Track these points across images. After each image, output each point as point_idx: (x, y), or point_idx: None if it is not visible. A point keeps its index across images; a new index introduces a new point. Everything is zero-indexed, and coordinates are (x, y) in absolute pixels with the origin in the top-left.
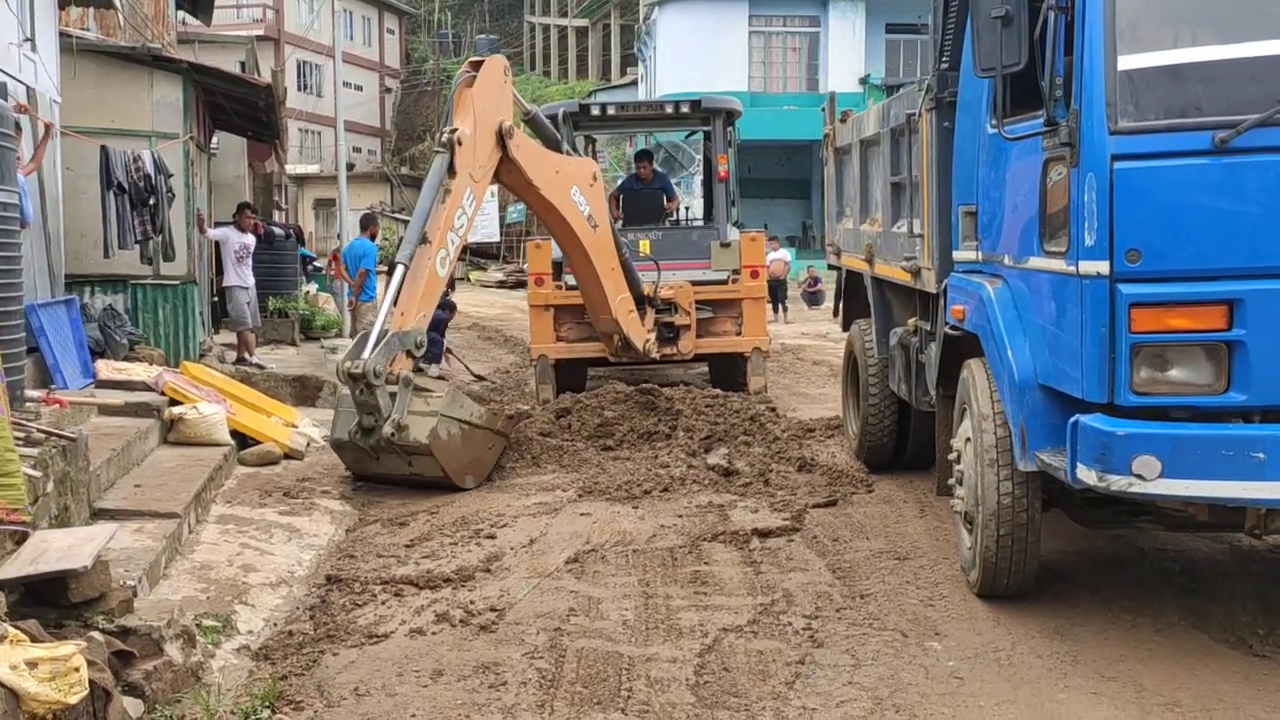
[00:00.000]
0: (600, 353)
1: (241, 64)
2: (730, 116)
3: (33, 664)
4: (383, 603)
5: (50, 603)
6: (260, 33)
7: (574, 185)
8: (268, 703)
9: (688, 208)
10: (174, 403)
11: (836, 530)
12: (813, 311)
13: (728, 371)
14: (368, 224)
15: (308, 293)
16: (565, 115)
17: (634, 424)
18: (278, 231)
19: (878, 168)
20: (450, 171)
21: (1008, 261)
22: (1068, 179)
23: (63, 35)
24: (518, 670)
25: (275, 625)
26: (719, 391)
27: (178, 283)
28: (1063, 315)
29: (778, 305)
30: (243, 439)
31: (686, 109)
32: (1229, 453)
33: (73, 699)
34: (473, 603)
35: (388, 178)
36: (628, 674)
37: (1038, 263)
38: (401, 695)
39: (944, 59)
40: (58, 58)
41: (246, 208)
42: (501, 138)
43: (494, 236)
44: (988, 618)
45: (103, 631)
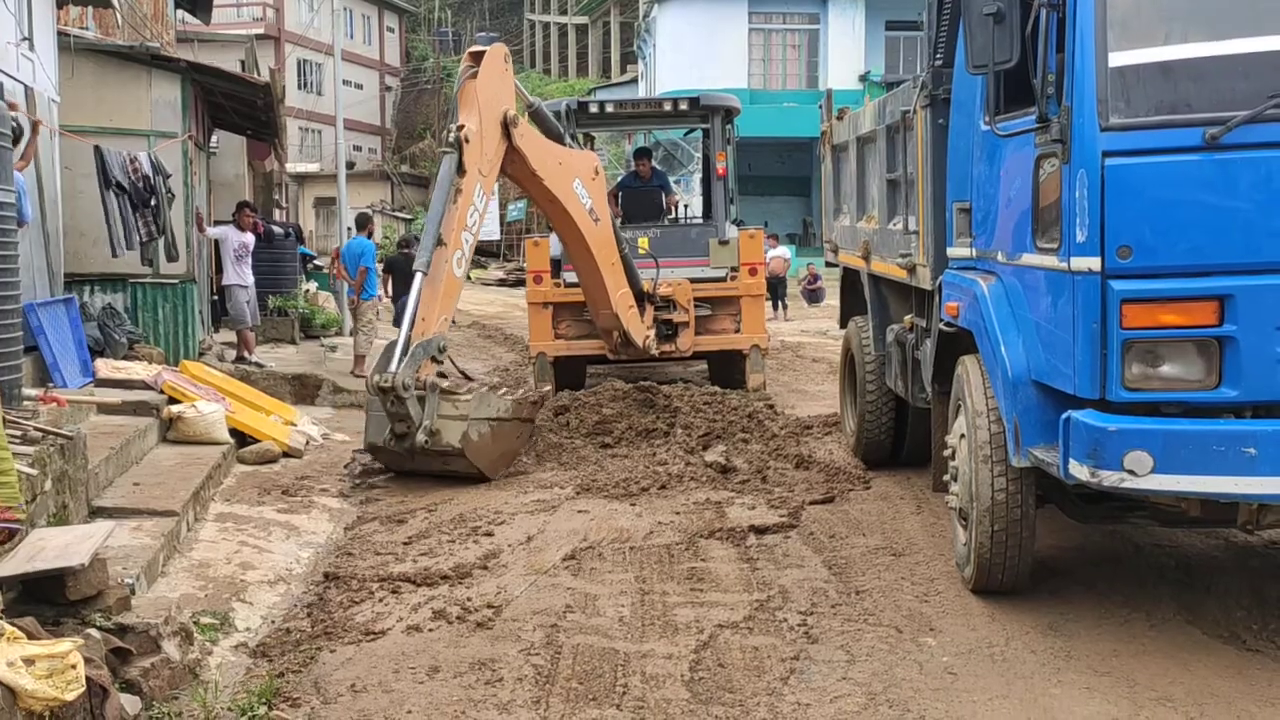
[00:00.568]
0: (599, 350)
1: (241, 63)
2: (729, 114)
3: (30, 661)
4: (380, 600)
5: (48, 600)
6: (260, 31)
7: (576, 178)
8: (265, 700)
9: (686, 205)
10: (173, 401)
11: (833, 527)
12: (813, 309)
13: (726, 369)
14: (365, 223)
15: (307, 291)
16: (567, 111)
17: (632, 421)
18: (277, 230)
19: (874, 165)
20: (460, 170)
21: (1001, 258)
22: (1059, 175)
23: (61, 34)
24: (514, 667)
25: (273, 623)
26: (717, 389)
27: (177, 281)
28: (1055, 311)
29: (777, 303)
30: (242, 437)
31: (685, 106)
32: (1220, 448)
33: (70, 696)
34: (470, 600)
35: (388, 176)
36: (623, 670)
37: (1030, 259)
38: (398, 692)
39: (938, 56)
40: (56, 57)
41: (246, 206)
42: (506, 127)
43: (494, 234)
44: (982, 613)
45: (100, 629)
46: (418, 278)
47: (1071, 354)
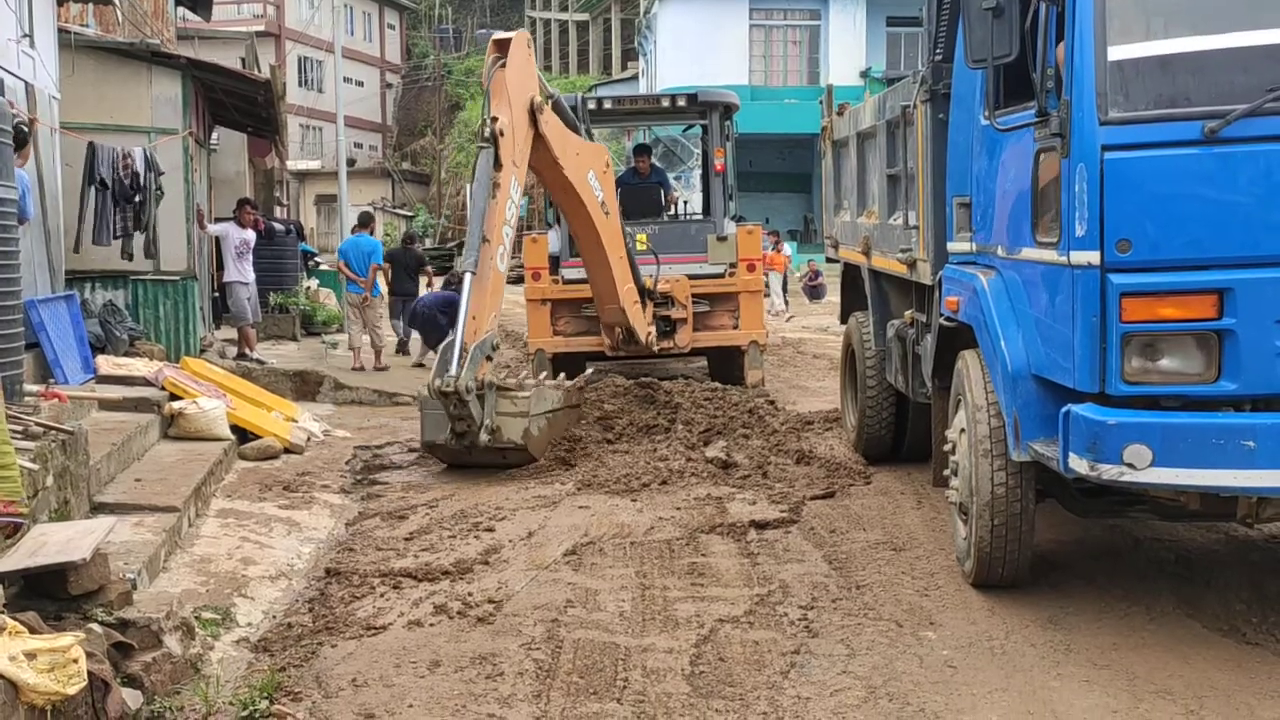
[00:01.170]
0: (597, 347)
1: (242, 60)
2: (727, 110)
3: (31, 655)
4: (381, 595)
5: (50, 595)
6: (261, 28)
7: (590, 169)
8: (266, 694)
9: (686, 202)
10: (174, 398)
11: (833, 522)
12: (814, 305)
13: (726, 365)
14: (368, 221)
15: (308, 288)
16: (581, 106)
17: (633, 417)
18: (278, 227)
19: (874, 160)
20: (496, 164)
21: (1001, 252)
22: (1059, 169)
23: (61, 31)
24: (514, 661)
25: (274, 617)
26: (718, 385)
27: (178, 278)
28: (1054, 306)
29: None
30: (243, 434)
31: (683, 103)
32: (1220, 441)
33: (71, 690)
34: (471, 595)
35: (389, 173)
36: (624, 664)
37: (1030, 253)
38: (399, 686)
39: (938, 51)
40: (56, 54)
41: (246, 203)
42: (533, 114)
43: None
44: (982, 607)
45: (102, 624)
46: (467, 278)
47: (1071, 348)
